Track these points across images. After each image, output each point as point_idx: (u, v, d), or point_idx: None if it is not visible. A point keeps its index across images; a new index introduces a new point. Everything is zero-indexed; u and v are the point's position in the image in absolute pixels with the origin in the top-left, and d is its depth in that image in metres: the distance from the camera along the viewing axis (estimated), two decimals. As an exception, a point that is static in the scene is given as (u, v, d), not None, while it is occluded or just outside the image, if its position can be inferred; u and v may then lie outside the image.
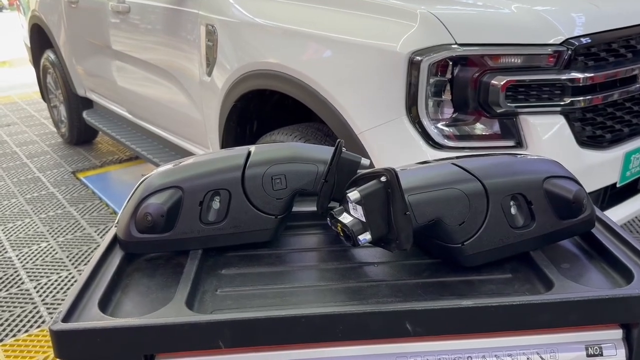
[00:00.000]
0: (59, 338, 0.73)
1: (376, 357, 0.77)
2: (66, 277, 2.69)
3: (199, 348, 0.74)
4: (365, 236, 0.83)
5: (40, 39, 4.53)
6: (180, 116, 2.81)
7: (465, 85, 1.66)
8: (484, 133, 1.71)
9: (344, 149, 0.98)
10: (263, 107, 2.39)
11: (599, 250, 0.93)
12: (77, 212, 3.38)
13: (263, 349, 0.76)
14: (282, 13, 2.07)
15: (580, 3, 1.89)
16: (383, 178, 0.81)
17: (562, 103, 1.70)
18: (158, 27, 2.76)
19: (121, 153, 4.43)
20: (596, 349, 0.78)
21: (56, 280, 2.66)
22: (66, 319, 0.75)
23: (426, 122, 1.69)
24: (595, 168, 1.81)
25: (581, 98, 1.72)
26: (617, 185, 1.93)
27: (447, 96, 1.69)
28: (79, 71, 4.00)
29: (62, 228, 3.19)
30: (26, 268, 2.77)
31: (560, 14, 1.77)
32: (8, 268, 2.77)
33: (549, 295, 0.79)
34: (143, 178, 0.99)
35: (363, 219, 0.83)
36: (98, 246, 2.92)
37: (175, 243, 0.94)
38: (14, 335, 2.28)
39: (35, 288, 2.60)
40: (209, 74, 2.39)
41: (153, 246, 0.94)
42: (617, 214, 1.97)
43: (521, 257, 0.91)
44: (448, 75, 1.66)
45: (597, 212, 1.00)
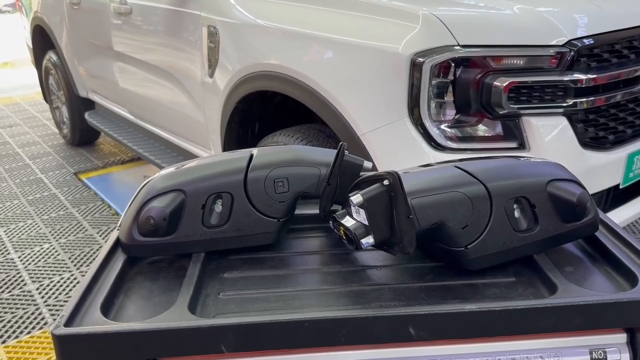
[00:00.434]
0: (62, 342, 0.73)
1: (379, 362, 0.77)
2: (68, 279, 2.69)
3: (202, 352, 0.74)
4: (368, 239, 0.83)
5: (42, 40, 4.53)
6: (182, 117, 2.81)
7: (467, 86, 1.66)
8: (487, 134, 1.70)
9: (347, 152, 0.98)
10: (265, 109, 2.39)
11: (603, 253, 0.93)
12: (79, 214, 3.39)
13: (266, 354, 0.76)
14: (284, 14, 2.07)
15: (582, 4, 1.89)
16: (386, 181, 0.81)
17: (565, 104, 1.70)
18: (160, 29, 2.76)
19: (123, 154, 4.43)
20: (600, 353, 0.78)
21: (58, 281, 2.67)
22: (68, 323, 0.75)
23: (428, 124, 1.68)
24: (598, 169, 1.80)
25: (584, 99, 1.71)
26: (620, 186, 1.92)
27: (450, 98, 1.68)
28: (81, 72, 4.00)
29: (64, 229, 3.19)
30: (28, 269, 2.77)
31: (562, 15, 1.77)
32: (10, 269, 2.78)
33: (553, 299, 0.79)
34: (145, 181, 0.99)
35: (366, 223, 0.83)
36: (100, 247, 2.92)
37: (177, 246, 0.94)
38: (16, 336, 2.28)
39: (37, 289, 2.60)
40: (211, 76, 2.39)
41: (155, 249, 0.94)
42: (620, 216, 1.97)
43: (525, 261, 0.91)
44: (450, 76, 1.66)
45: (601, 215, 1.00)
